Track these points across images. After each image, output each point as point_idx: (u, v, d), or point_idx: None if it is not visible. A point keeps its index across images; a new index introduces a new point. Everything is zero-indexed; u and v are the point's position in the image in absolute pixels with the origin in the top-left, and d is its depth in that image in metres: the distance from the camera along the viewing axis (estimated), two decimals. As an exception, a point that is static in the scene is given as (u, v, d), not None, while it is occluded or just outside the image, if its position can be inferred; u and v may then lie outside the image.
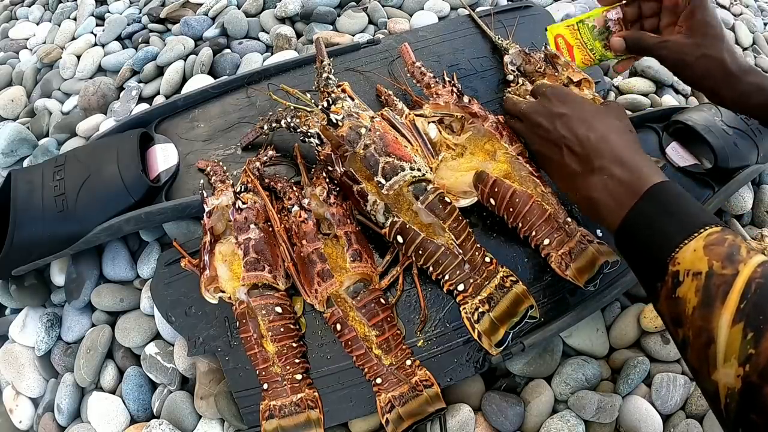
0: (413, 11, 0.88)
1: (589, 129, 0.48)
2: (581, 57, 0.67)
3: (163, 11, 0.90)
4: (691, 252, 0.36)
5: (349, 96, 0.60)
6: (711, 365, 0.33)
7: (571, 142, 0.49)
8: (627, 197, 0.42)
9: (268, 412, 0.50)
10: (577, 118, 0.50)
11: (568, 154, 0.49)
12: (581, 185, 0.47)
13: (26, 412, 0.60)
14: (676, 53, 0.54)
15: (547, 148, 0.52)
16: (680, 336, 0.36)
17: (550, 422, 0.52)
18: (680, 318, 0.35)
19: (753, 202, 0.68)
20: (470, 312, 0.51)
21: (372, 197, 0.53)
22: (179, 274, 0.58)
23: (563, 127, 0.50)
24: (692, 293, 0.35)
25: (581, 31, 0.66)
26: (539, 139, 0.53)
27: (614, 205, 0.43)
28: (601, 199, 0.44)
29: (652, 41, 0.57)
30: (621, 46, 0.60)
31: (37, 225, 0.57)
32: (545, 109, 0.53)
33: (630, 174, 0.43)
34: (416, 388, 0.49)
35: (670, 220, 0.39)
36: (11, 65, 0.93)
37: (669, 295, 0.36)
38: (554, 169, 0.52)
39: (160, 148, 0.66)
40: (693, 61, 0.53)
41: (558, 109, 0.52)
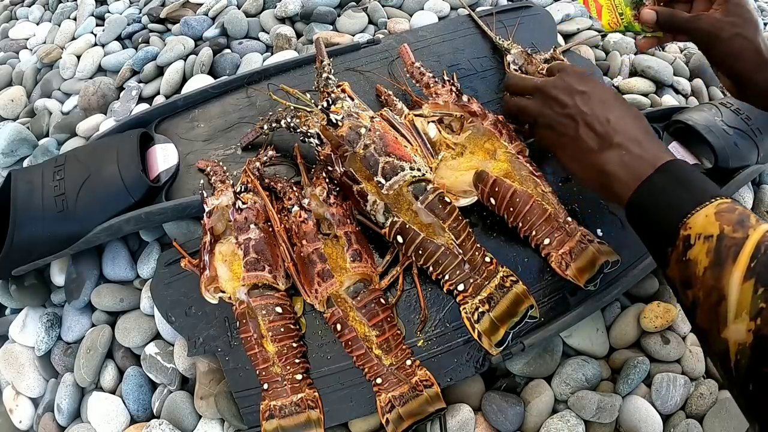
0: (413, 11, 0.88)
1: (608, 109, 0.49)
2: (608, 18, 0.64)
3: (163, 11, 0.90)
4: (702, 217, 0.37)
5: (349, 96, 0.60)
6: (721, 323, 0.34)
7: (590, 118, 0.49)
8: (641, 170, 0.43)
9: (268, 412, 0.50)
10: (597, 97, 0.50)
11: (585, 129, 0.49)
12: (595, 160, 0.47)
13: (26, 412, 0.60)
14: (709, 28, 0.53)
15: (560, 123, 0.51)
16: (690, 298, 0.37)
17: (550, 422, 0.52)
18: (690, 279, 0.36)
19: (753, 202, 0.68)
20: (470, 312, 0.51)
21: (372, 197, 0.53)
22: (179, 274, 0.58)
23: (583, 103, 0.50)
24: (703, 255, 0.36)
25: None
26: (553, 113, 0.52)
27: (628, 177, 0.44)
28: (615, 172, 0.45)
29: (685, 16, 0.56)
30: (652, 19, 0.58)
31: (37, 225, 0.57)
32: (565, 84, 0.52)
33: (645, 151, 0.45)
34: (416, 388, 0.49)
35: (683, 190, 0.40)
36: (11, 65, 0.93)
37: (680, 259, 0.38)
38: (566, 143, 0.51)
39: (160, 148, 0.66)
40: (727, 38, 0.52)
41: (578, 86, 0.51)
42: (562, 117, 0.51)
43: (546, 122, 0.53)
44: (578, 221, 0.56)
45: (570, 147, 0.51)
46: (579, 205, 0.60)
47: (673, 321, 0.57)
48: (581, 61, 0.75)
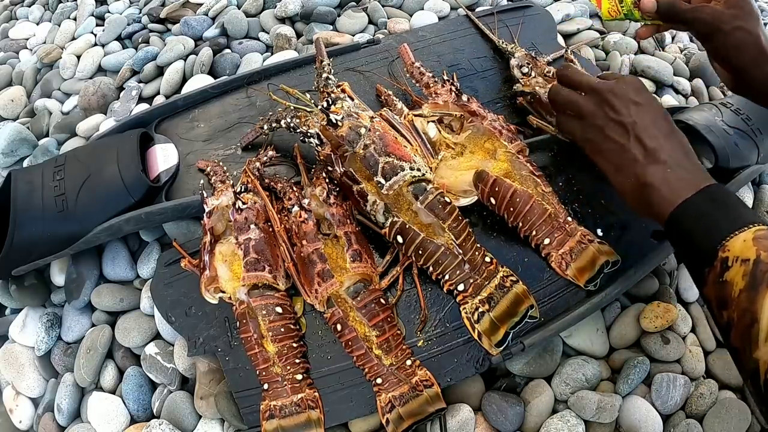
0: (413, 11, 0.88)
1: (659, 126, 0.49)
2: (608, 6, 0.64)
3: (163, 11, 0.90)
4: (741, 242, 0.38)
5: (348, 96, 0.60)
6: (753, 344, 0.35)
7: (641, 130, 0.48)
8: (684, 189, 0.44)
9: (268, 412, 0.50)
10: (650, 111, 0.50)
11: (635, 141, 0.48)
12: (639, 171, 0.47)
13: (26, 412, 0.60)
14: (711, 19, 0.53)
15: (611, 128, 0.50)
16: (725, 318, 0.38)
17: (550, 422, 0.52)
18: (726, 300, 0.38)
19: (753, 202, 0.68)
20: (470, 312, 0.51)
21: (372, 197, 0.53)
22: (179, 274, 0.57)
23: (637, 114, 0.49)
24: (739, 277, 0.37)
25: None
26: (605, 117, 0.51)
27: (670, 194, 0.44)
28: (657, 186, 0.45)
29: (686, 7, 0.55)
30: (652, 7, 0.57)
31: (37, 225, 0.57)
32: (622, 91, 0.51)
33: (689, 173, 0.45)
34: (416, 388, 0.49)
35: (723, 213, 0.41)
36: (11, 65, 0.93)
37: (717, 279, 0.39)
38: (611, 149, 0.50)
39: (160, 148, 0.66)
40: (728, 30, 0.52)
41: (635, 96, 0.51)
42: (614, 123, 0.50)
43: (596, 123, 0.52)
44: (578, 221, 0.56)
45: (614, 153, 0.50)
46: (579, 205, 0.60)
47: (673, 321, 0.57)
48: (581, 61, 0.75)
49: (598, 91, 0.53)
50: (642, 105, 0.50)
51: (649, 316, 0.57)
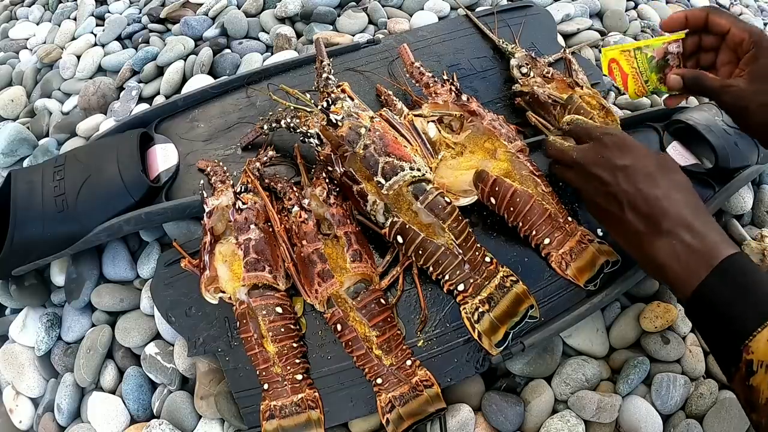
0: (413, 11, 0.88)
1: (654, 185, 0.45)
2: (635, 87, 0.63)
3: (163, 11, 0.90)
4: (764, 342, 0.36)
5: (348, 96, 0.60)
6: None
7: (635, 199, 0.45)
8: (698, 268, 0.41)
9: (268, 413, 0.50)
10: (640, 171, 0.46)
11: (632, 211, 0.45)
12: (647, 247, 0.44)
13: (26, 412, 0.60)
14: (737, 99, 0.51)
15: (606, 202, 0.48)
16: (754, 420, 0.37)
17: (550, 422, 0.52)
18: (754, 405, 0.37)
19: (753, 202, 0.68)
20: (470, 312, 0.51)
21: (372, 197, 0.53)
22: (179, 274, 0.57)
23: (626, 182, 0.46)
24: (765, 385, 0.36)
25: (638, 60, 0.62)
26: (596, 192, 0.49)
27: (684, 274, 0.41)
28: (669, 265, 0.42)
29: (713, 84, 0.53)
30: (678, 84, 0.56)
31: (37, 225, 0.57)
32: (604, 160, 0.48)
33: (700, 242, 0.42)
34: (416, 388, 0.49)
35: (743, 302, 0.38)
36: (11, 65, 0.93)
37: (743, 381, 0.37)
38: (614, 224, 0.48)
39: (160, 148, 0.66)
40: (755, 108, 0.50)
41: (619, 160, 0.48)
42: (605, 196, 0.48)
43: (590, 198, 0.51)
44: (578, 221, 0.56)
45: (617, 226, 0.48)
46: (579, 205, 0.60)
47: (673, 321, 0.57)
48: (582, 61, 0.75)
49: (581, 166, 0.51)
50: (628, 167, 0.47)
51: (649, 316, 0.57)
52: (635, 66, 0.62)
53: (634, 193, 0.46)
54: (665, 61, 0.60)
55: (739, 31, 0.52)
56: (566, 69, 0.71)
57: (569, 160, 0.52)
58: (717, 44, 0.56)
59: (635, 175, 0.46)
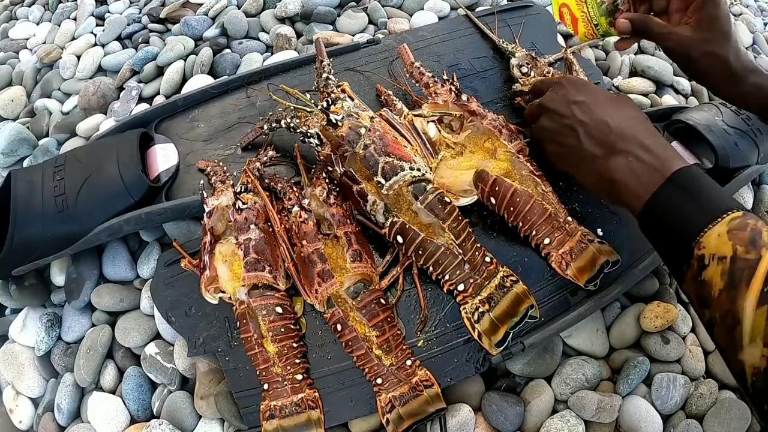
0: (413, 11, 0.88)
1: (607, 114, 0.48)
2: (584, 30, 0.64)
3: (163, 11, 0.90)
4: (715, 237, 0.37)
5: (348, 96, 0.60)
6: (737, 346, 0.34)
7: (589, 127, 0.48)
8: (651, 179, 0.43)
9: (268, 412, 0.50)
10: (594, 103, 0.50)
11: (587, 138, 0.48)
12: (602, 167, 0.47)
13: (26, 412, 0.60)
14: (681, 46, 0.53)
15: (561, 134, 0.51)
16: (707, 317, 0.37)
17: (550, 422, 0.52)
18: (707, 300, 0.37)
19: (753, 202, 0.68)
20: (470, 312, 0.51)
21: (372, 197, 0.53)
22: (179, 274, 0.57)
23: (581, 113, 0.50)
24: (718, 277, 0.36)
25: (588, 4, 0.62)
26: (554, 125, 0.52)
27: (638, 186, 0.43)
28: (624, 180, 0.44)
29: (658, 29, 0.55)
30: (627, 28, 0.57)
31: (37, 225, 0.57)
32: (561, 96, 0.52)
33: (654, 158, 0.44)
34: (416, 388, 0.49)
35: (695, 204, 0.40)
36: (11, 65, 0.93)
37: (695, 278, 0.38)
38: (570, 154, 0.51)
39: (160, 148, 0.66)
40: (697, 57, 0.52)
41: (574, 96, 0.51)
42: (563, 128, 0.51)
43: (548, 137, 0.53)
44: (578, 221, 0.56)
45: (575, 157, 0.50)
46: (579, 205, 0.60)
47: (673, 321, 0.57)
48: (582, 61, 0.75)
49: (541, 105, 0.54)
50: (584, 101, 0.50)
51: (649, 316, 0.57)
52: (585, 10, 0.62)
53: (588, 121, 0.49)
54: (615, 6, 0.60)
55: None
56: (566, 69, 0.71)
57: (536, 107, 0.56)
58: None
59: (590, 106, 0.50)
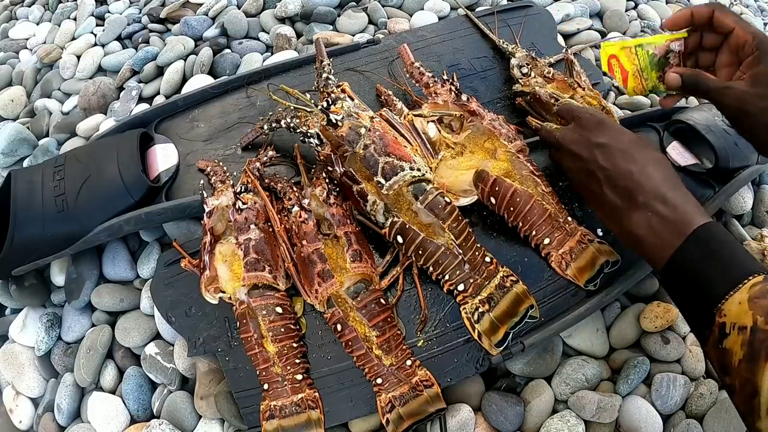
0: (413, 11, 0.88)
1: (629, 161, 0.47)
2: (634, 84, 0.62)
3: (163, 11, 0.90)
4: (736, 305, 0.37)
5: (348, 96, 0.60)
6: (756, 414, 0.34)
7: (611, 175, 0.47)
8: (672, 237, 0.42)
9: (268, 412, 0.50)
10: (616, 148, 0.48)
11: (609, 186, 0.47)
12: (624, 220, 0.46)
13: (26, 412, 0.60)
14: (738, 102, 0.50)
15: (585, 178, 0.50)
16: (727, 383, 0.37)
17: (550, 422, 0.52)
18: (727, 367, 0.37)
19: (753, 202, 0.68)
20: (470, 312, 0.51)
21: (372, 197, 0.53)
22: (179, 274, 0.57)
23: (603, 158, 0.48)
24: (738, 347, 0.36)
25: (639, 57, 0.60)
26: (576, 168, 0.51)
27: (659, 244, 0.42)
28: (644, 237, 0.44)
29: (712, 85, 0.52)
30: (677, 83, 0.55)
31: (37, 225, 0.57)
32: (582, 138, 0.51)
33: (674, 212, 0.43)
34: (416, 388, 0.49)
35: (715, 267, 0.39)
36: (11, 65, 0.93)
37: (716, 345, 0.38)
38: (593, 198, 0.50)
39: (160, 148, 0.66)
40: (756, 112, 0.49)
41: (596, 138, 0.50)
42: (585, 173, 0.50)
43: (573, 176, 0.53)
44: (578, 221, 0.56)
45: (596, 201, 0.50)
46: (579, 205, 0.60)
47: (673, 321, 0.57)
48: (582, 61, 0.75)
49: (562, 144, 0.53)
50: (605, 145, 0.49)
51: (649, 316, 0.57)
52: (636, 63, 0.60)
53: (611, 169, 0.47)
54: (666, 59, 0.59)
55: (743, 32, 0.51)
56: (566, 69, 0.71)
57: (554, 142, 0.55)
58: (718, 44, 0.55)
59: (612, 152, 0.48)
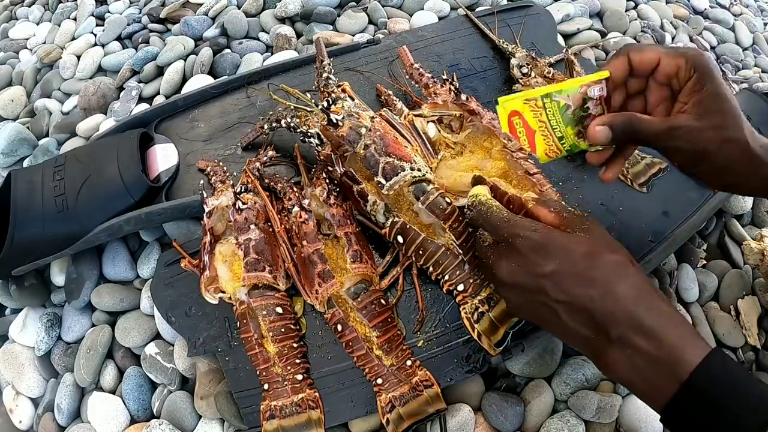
0: (413, 11, 0.88)
1: (588, 285, 0.37)
2: (545, 147, 0.48)
3: (163, 11, 0.90)
4: None
5: (349, 96, 0.60)
6: None
7: (571, 307, 0.38)
8: (664, 384, 0.34)
9: (268, 413, 0.50)
10: (568, 274, 0.38)
11: (571, 318, 0.38)
12: (601, 358, 0.37)
13: (26, 412, 0.60)
14: (692, 142, 0.41)
15: (538, 312, 0.40)
16: None
17: (550, 422, 0.52)
18: None
19: (753, 202, 0.68)
20: (470, 312, 0.51)
21: (372, 197, 0.53)
22: (179, 274, 0.57)
23: (555, 290, 0.38)
24: None
25: (548, 111, 0.46)
26: (522, 302, 0.41)
27: (648, 391, 0.35)
28: (632, 381, 0.36)
29: (655, 127, 0.42)
30: (605, 137, 0.43)
31: (37, 225, 0.57)
32: (521, 269, 0.39)
33: (659, 349, 0.35)
34: (416, 388, 0.49)
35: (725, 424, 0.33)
36: (11, 65, 0.93)
37: None
38: (557, 332, 0.41)
39: (160, 148, 0.66)
40: (715, 150, 0.41)
41: (540, 267, 0.38)
42: (534, 304, 0.40)
43: (515, 307, 0.43)
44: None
45: (561, 333, 0.40)
46: (578, 207, 0.60)
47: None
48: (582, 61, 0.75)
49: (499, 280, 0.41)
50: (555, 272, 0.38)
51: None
52: (544, 119, 0.47)
53: (568, 301, 0.38)
54: (584, 109, 0.46)
55: (671, 59, 0.43)
56: (567, 69, 0.71)
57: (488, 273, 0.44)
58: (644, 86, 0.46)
59: (564, 279, 0.38)
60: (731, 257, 0.66)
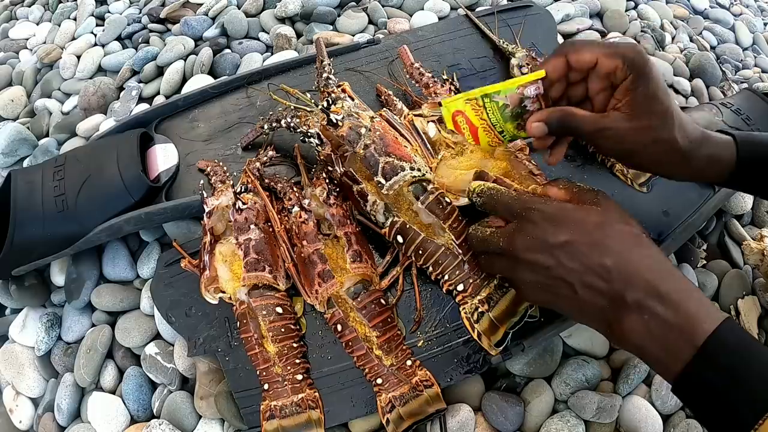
0: (413, 11, 0.88)
1: (604, 253, 0.37)
2: (488, 139, 0.54)
3: (163, 11, 0.90)
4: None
5: (349, 96, 0.60)
6: None
7: (588, 277, 0.38)
8: (679, 348, 0.34)
9: (268, 413, 0.50)
10: (583, 243, 0.38)
11: (587, 290, 0.38)
12: (614, 325, 0.37)
13: (26, 412, 0.60)
14: (619, 143, 0.44)
15: (553, 289, 0.40)
16: None
17: (550, 422, 0.52)
18: None
19: (753, 202, 0.68)
20: (470, 312, 0.51)
21: (372, 197, 0.53)
22: (179, 274, 0.57)
23: (570, 260, 0.38)
24: None
25: (488, 110, 0.51)
26: (535, 278, 0.40)
27: (664, 356, 0.35)
28: (644, 346, 0.36)
29: (585, 125, 0.44)
30: (541, 133, 0.46)
31: (37, 225, 0.57)
32: (537, 242, 0.40)
33: (676, 314, 0.35)
34: (416, 388, 0.49)
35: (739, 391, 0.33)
36: (11, 65, 0.93)
37: None
38: (569, 307, 0.40)
39: (160, 148, 0.66)
40: (642, 149, 0.44)
41: (554, 237, 0.39)
42: (549, 280, 0.39)
43: (530, 288, 0.42)
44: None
45: (574, 309, 0.40)
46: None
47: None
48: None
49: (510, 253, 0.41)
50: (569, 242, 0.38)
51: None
52: (485, 117, 0.51)
53: (583, 270, 0.38)
54: (522, 107, 0.49)
55: (609, 60, 0.43)
56: None
57: (497, 249, 0.43)
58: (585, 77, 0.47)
59: (579, 249, 0.38)
60: (731, 257, 0.66)
